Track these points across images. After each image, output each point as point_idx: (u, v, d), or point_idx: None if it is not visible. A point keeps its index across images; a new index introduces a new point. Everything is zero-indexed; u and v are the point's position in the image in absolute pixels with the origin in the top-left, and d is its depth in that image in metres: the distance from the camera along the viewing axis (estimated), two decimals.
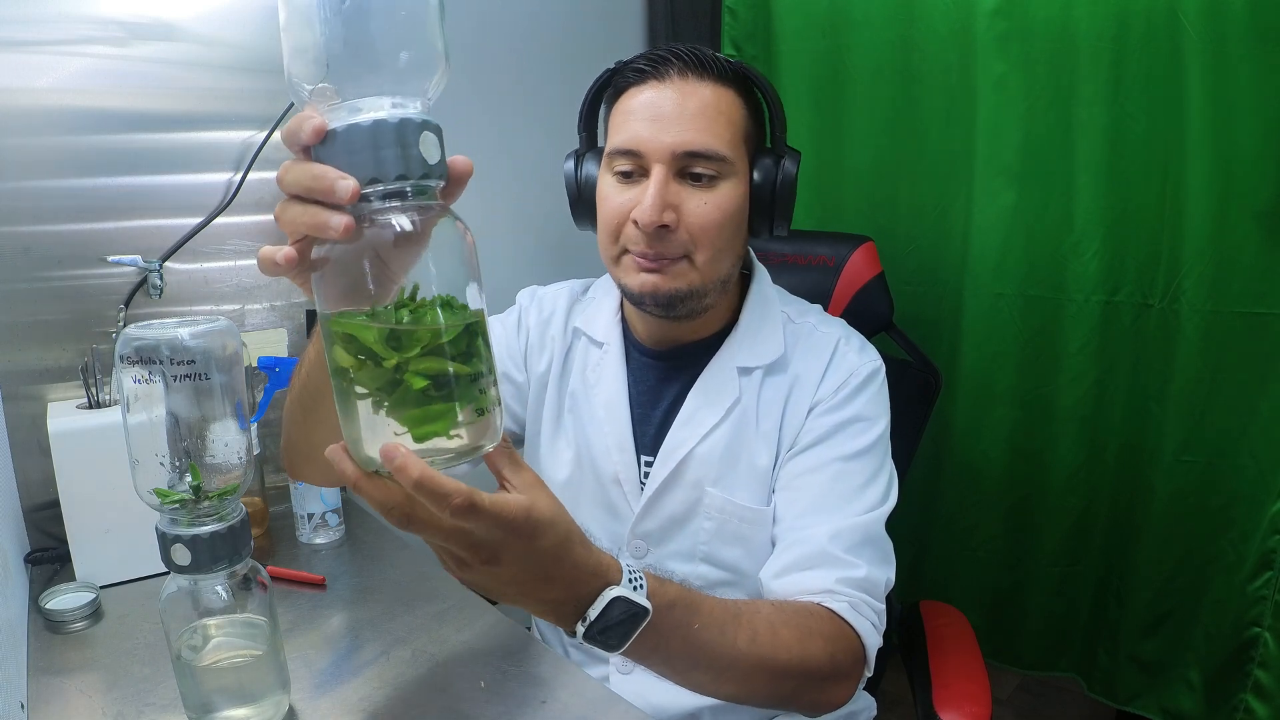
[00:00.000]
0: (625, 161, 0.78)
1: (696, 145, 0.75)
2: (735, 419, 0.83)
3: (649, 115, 0.76)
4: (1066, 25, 1.17)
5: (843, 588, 0.73)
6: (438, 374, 0.44)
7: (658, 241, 0.76)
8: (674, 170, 0.76)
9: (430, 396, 0.44)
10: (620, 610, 0.57)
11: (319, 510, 1.09)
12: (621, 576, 0.58)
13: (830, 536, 0.75)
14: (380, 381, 0.44)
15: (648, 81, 0.78)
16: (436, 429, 0.44)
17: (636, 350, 0.89)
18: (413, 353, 0.43)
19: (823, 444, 0.80)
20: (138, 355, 0.61)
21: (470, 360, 0.45)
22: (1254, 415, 1.15)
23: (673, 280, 0.78)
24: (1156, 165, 1.16)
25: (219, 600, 0.67)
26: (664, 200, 0.75)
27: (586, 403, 0.89)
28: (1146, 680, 1.31)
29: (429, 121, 0.44)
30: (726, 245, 0.79)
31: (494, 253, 1.43)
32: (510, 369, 0.94)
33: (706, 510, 0.83)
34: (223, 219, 1.14)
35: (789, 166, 0.79)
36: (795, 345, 0.85)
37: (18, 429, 1.03)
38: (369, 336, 0.43)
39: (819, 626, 0.71)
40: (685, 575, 0.84)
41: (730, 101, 0.78)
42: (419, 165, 0.43)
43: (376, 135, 0.42)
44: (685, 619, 0.62)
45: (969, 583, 1.45)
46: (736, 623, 0.65)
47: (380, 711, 0.73)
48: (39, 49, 1.00)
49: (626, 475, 0.86)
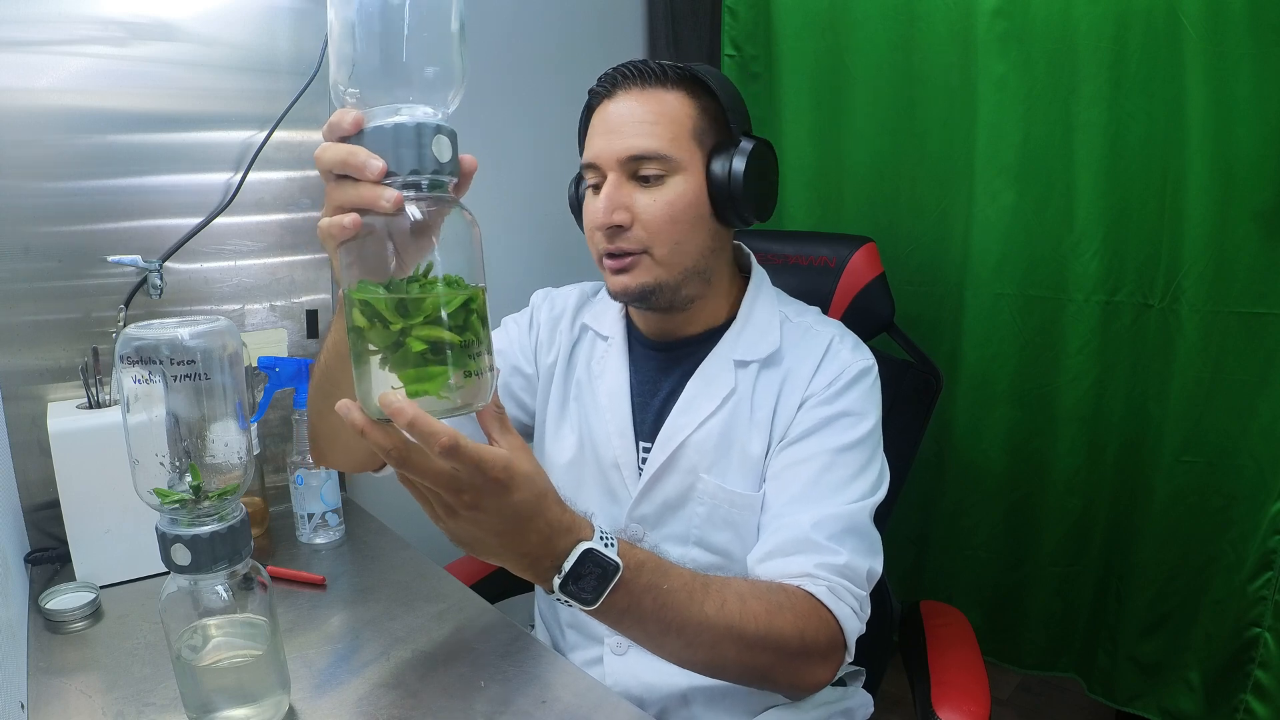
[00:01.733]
0: (591, 175, 0.85)
1: (638, 149, 0.81)
2: (730, 408, 0.86)
3: (603, 130, 0.84)
4: (1066, 25, 1.17)
5: (822, 572, 0.75)
6: (435, 340, 0.51)
7: (616, 239, 0.83)
8: (626, 174, 0.82)
9: (427, 359, 0.51)
10: (592, 563, 0.62)
11: (319, 510, 1.09)
12: (594, 534, 0.63)
13: (813, 524, 0.77)
14: (387, 342, 0.51)
15: (603, 100, 0.85)
16: (429, 388, 0.51)
17: (639, 344, 0.94)
18: (415, 320, 0.51)
19: (812, 436, 0.83)
20: (138, 355, 0.61)
21: (464, 331, 0.52)
22: (1254, 415, 1.15)
23: (639, 276, 0.84)
24: (1156, 165, 1.16)
25: (219, 600, 0.67)
26: (614, 202, 0.82)
27: (591, 392, 0.93)
28: (1146, 680, 1.31)
29: (443, 126, 0.52)
30: (686, 237, 0.83)
31: (510, 253, 1.46)
32: (521, 362, 0.98)
33: (699, 496, 0.86)
34: (223, 219, 1.14)
35: (738, 158, 0.82)
36: (791, 341, 0.88)
37: (18, 429, 1.03)
38: (380, 303, 0.51)
39: (790, 603, 0.73)
40: (679, 558, 0.86)
41: (676, 103, 0.83)
42: (431, 162, 0.51)
43: (398, 135, 0.50)
44: (655, 580, 0.66)
45: (969, 583, 1.45)
46: (705, 590, 0.69)
47: (380, 711, 0.73)
48: (39, 49, 1.00)
49: (625, 460, 0.90)
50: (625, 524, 0.90)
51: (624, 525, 0.90)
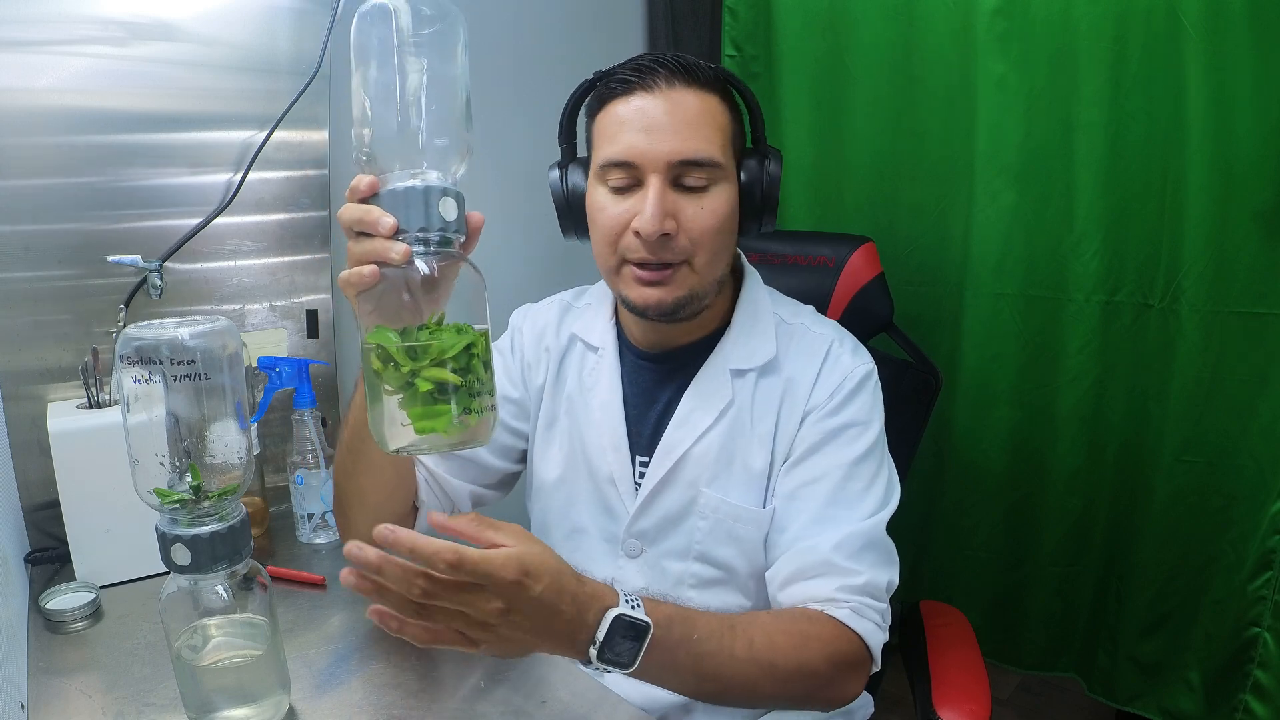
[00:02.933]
0: (620, 173, 0.78)
1: (690, 154, 0.76)
2: (730, 421, 0.84)
3: (641, 126, 0.77)
4: (1066, 25, 1.17)
5: (844, 594, 0.76)
6: (440, 381, 0.56)
7: (661, 249, 0.77)
8: (670, 179, 0.77)
9: (434, 398, 0.56)
10: (624, 627, 0.63)
11: (319, 510, 1.09)
12: (619, 599, 0.64)
13: (833, 546, 0.77)
14: (398, 383, 0.57)
15: (635, 91, 0.78)
16: (435, 425, 0.56)
17: (631, 354, 0.91)
18: (423, 363, 0.56)
19: (820, 452, 0.81)
20: (138, 355, 0.62)
21: (467, 374, 0.57)
22: (1254, 415, 1.15)
23: (675, 290, 0.79)
24: (1156, 165, 1.16)
25: (219, 600, 0.67)
26: (664, 210, 0.76)
27: (583, 405, 0.91)
28: (1146, 680, 1.31)
29: (449, 189, 0.57)
30: (723, 247, 0.81)
31: (510, 249, 1.46)
32: (509, 389, 0.95)
33: (701, 510, 0.84)
34: (223, 219, 1.14)
35: (773, 167, 0.81)
36: (788, 346, 0.86)
37: (18, 429, 1.03)
38: (392, 347, 0.57)
39: (817, 631, 0.74)
40: (679, 573, 0.85)
41: (715, 107, 0.79)
42: (438, 220, 0.57)
43: (408, 197, 0.56)
44: (685, 632, 0.67)
45: (969, 583, 1.45)
46: (732, 633, 0.70)
47: (380, 711, 0.73)
48: (39, 49, 1.00)
49: (621, 475, 0.87)
50: (623, 539, 0.88)
51: (622, 540, 0.88)
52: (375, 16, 0.56)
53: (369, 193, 0.58)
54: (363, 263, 0.58)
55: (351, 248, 0.60)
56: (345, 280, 0.59)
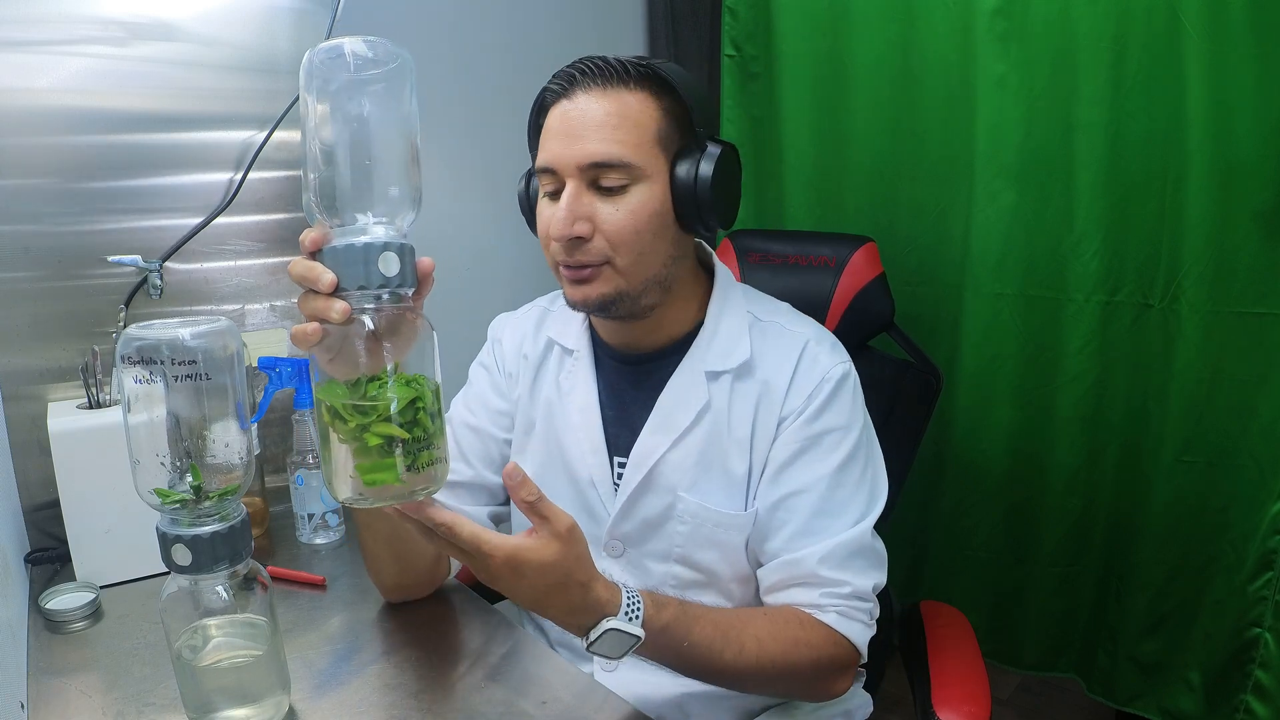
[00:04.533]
0: (548, 179, 0.80)
1: (600, 156, 0.76)
2: (707, 425, 0.83)
3: (560, 132, 0.78)
4: (1066, 25, 1.17)
5: (829, 600, 0.79)
6: (388, 436, 0.57)
7: (575, 251, 0.78)
8: (586, 182, 0.77)
9: (383, 451, 0.57)
10: (614, 638, 0.67)
11: (319, 511, 1.09)
12: (619, 607, 0.68)
13: (819, 560, 0.79)
14: (348, 436, 0.57)
15: (560, 98, 0.79)
16: (383, 477, 0.57)
17: (607, 356, 0.90)
18: (370, 419, 0.57)
19: (801, 460, 0.81)
20: (139, 355, 0.62)
21: (414, 428, 0.58)
22: (1254, 415, 1.15)
23: (600, 286, 0.79)
24: (1156, 165, 1.16)
25: (219, 600, 0.67)
26: (574, 213, 0.76)
27: (562, 409, 0.90)
28: (1146, 681, 1.31)
29: (391, 244, 0.56)
30: (649, 247, 0.79)
31: (501, 252, 1.46)
32: (495, 401, 0.95)
33: (680, 515, 0.84)
34: (223, 219, 1.14)
35: (704, 164, 0.77)
36: (763, 346, 0.84)
37: (18, 429, 1.03)
38: (339, 404, 0.57)
39: (806, 636, 0.77)
40: (661, 575, 0.86)
41: (640, 105, 0.77)
42: (378, 277, 0.56)
43: (347, 254, 0.56)
44: (678, 638, 0.72)
45: (969, 583, 1.45)
46: (725, 640, 0.74)
47: (380, 711, 0.73)
48: (39, 49, 1.01)
49: (600, 477, 0.87)
50: (606, 541, 0.87)
51: (604, 542, 0.87)
52: (321, 62, 0.55)
53: (313, 249, 0.57)
54: (309, 319, 0.57)
55: (299, 302, 0.59)
56: (294, 336, 0.59)
